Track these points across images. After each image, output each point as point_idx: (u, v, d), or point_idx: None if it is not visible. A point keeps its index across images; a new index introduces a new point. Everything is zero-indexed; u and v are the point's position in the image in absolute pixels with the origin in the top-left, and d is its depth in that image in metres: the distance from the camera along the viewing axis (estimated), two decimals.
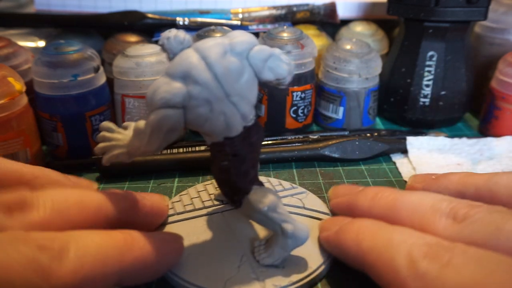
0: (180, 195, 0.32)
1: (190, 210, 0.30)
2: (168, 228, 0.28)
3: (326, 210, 0.30)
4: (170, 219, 0.29)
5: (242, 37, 0.22)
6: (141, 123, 0.23)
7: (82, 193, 0.22)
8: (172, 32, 0.22)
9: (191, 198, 0.31)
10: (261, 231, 0.28)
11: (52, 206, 0.20)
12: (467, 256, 0.18)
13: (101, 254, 0.19)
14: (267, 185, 0.32)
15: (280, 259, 0.24)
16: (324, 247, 0.26)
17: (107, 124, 0.26)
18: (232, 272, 0.24)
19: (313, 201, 0.31)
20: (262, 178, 0.33)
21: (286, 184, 0.33)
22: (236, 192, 0.24)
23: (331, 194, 0.30)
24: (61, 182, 0.26)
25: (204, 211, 0.30)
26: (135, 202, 0.25)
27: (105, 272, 0.19)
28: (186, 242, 0.26)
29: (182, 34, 0.22)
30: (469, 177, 0.26)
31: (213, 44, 0.21)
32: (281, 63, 0.22)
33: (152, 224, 0.27)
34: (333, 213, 0.30)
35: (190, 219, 0.29)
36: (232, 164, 0.23)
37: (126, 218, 0.24)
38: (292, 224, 0.24)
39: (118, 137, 0.25)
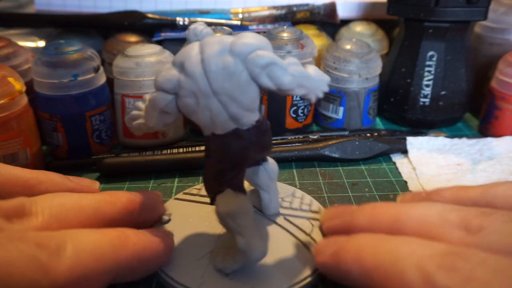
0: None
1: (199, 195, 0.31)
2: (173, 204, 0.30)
3: None
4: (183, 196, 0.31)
5: (245, 39, 0.21)
6: (148, 97, 0.24)
7: (80, 198, 0.23)
8: (193, 25, 0.23)
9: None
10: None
11: (50, 212, 0.21)
12: (489, 266, 0.16)
13: (97, 251, 0.19)
14: (287, 196, 0.31)
15: (230, 269, 0.24)
16: (323, 272, 0.23)
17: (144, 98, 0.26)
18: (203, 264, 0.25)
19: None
20: (289, 188, 0.33)
21: (306, 204, 0.31)
22: (208, 188, 0.24)
23: (323, 217, 0.27)
24: (64, 185, 0.26)
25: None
26: (131, 202, 0.25)
27: (101, 268, 0.19)
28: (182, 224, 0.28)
29: (200, 27, 0.23)
30: (463, 191, 0.24)
31: (214, 41, 0.22)
32: (283, 73, 0.21)
33: (147, 222, 0.27)
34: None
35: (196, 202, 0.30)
36: (210, 161, 0.24)
37: (121, 218, 0.24)
38: (246, 240, 0.22)
39: (143, 107, 0.26)
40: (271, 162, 0.28)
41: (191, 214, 0.29)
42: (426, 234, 0.20)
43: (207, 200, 0.28)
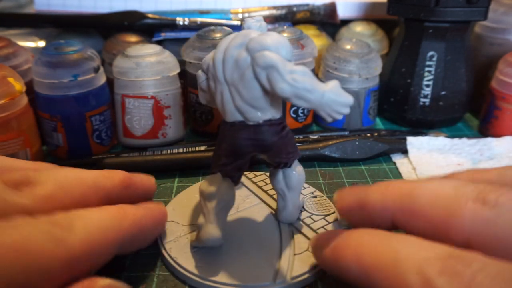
0: None
1: None
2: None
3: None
4: None
5: (262, 38, 0.22)
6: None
7: (79, 171, 0.25)
8: (249, 19, 0.24)
9: None
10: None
11: (55, 182, 0.23)
12: (492, 273, 0.16)
13: (102, 225, 0.21)
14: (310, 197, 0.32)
15: (192, 245, 0.26)
16: (321, 266, 0.24)
17: None
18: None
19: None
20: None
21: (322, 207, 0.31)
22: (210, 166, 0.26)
23: (337, 196, 0.27)
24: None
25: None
26: (127, 178, 0.27)
27: (108, 239, 0.21)
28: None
29: (253, 23, 0.24)
30: (479, 173, 0.24)
31: (242, 34, 0.23)
32: (279, 79, 0.21)
33: (142, 200, 0.28)
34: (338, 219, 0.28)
35: None
36: (216, 143, 0.26)
37: (118, 192, 0.26)
38: (203, 223, 0.25)
39: None
40: (297, 171, 0.27)
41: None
42: (440, 207, 0.19)
43: None
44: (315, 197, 0.32)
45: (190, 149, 0.38)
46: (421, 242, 0.19)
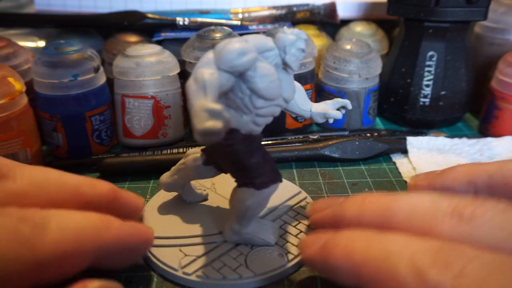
0: None
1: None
2: None
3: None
4: None
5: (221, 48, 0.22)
6: None
7: (62, 173, 0.23)
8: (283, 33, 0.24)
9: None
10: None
11: (30, 178, 0.21)
12: (482, 262, 0.16)
13: (80, 230, 0.19)
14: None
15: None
16: (310, 267, 0.23)
17: None
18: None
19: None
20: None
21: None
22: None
23: (310, 209, 0.26)
24: None
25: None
26: (112, 191, 0.25)
27: (83, 247, 0.19)
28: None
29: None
30: (479, 166, 0.24)
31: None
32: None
33: (128, 218, 0.27)
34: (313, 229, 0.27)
35: None
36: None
37: (101, 203, 0.24)
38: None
39: None
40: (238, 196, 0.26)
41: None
42: (417, 223, 0.20)
43: None
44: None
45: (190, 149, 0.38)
46: (412, 237, 0.19)
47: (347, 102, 0.29)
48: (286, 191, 0.32)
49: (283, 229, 0.28)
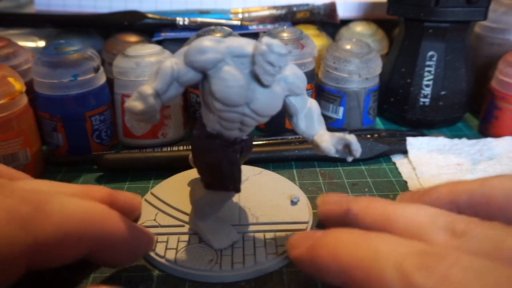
0: None
1: None
2: None
3: None
4: None
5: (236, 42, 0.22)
6: None
7: (56, 183, 0.23)
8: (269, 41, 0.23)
9: None
10: None
11: (23, 191, 0.20)
12: (466, 266, 0.16)
13: (82, 215, 0.19)
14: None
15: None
16: (297, 266, 0.23)
17: None
18: None
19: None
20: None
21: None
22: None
23: (320, 201, 0.27)
24: None
25: None
26: (109, 194, 0.25)
27: (86, 232, 0.19)
28: None
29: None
30: (460, 185, 0.25)
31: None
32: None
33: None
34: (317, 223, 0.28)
35: None
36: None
37: None
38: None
39: None
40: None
41: None
42: (413, 234, 0.20)
43: None
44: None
45: (190, 148, 0.38)
46: (399, 239, 0.19)
47: (352, 141, 0.25)
48: (294, 212, 0.30)
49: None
